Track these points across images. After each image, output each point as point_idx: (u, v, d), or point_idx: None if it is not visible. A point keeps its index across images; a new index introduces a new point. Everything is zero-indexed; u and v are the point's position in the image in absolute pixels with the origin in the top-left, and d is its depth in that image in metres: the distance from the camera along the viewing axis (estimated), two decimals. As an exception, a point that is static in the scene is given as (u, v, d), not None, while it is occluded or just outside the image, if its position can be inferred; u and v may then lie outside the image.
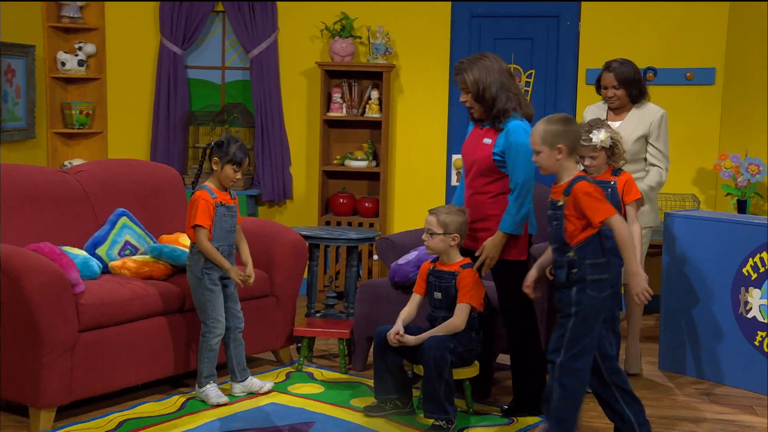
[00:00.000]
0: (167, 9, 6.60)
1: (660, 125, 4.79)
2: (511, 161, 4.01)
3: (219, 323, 4.24)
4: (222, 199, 4.22)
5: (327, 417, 4.17)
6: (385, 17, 6.56)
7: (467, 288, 4.08)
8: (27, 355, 3.89)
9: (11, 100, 6.18)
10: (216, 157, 4.20)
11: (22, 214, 4.45)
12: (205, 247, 4.16)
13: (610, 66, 4.82)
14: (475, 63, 4.10)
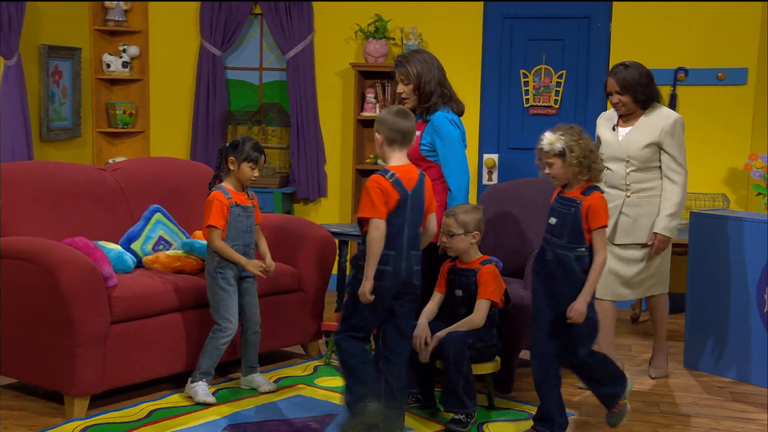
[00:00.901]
0: (207, 12, 6.67)
1: (673, 132, 4.44)
2: (443, 151, 4.23)
3: (230, 324, 4.19)
4: (237, 199, 4.21)
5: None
6: (418, 19, 6.55)
7: (487, 284, 4.07)
8: (62, 346, 3.96)
9: (58, 100, 6.30)
10: (232, 157, 4.19)
11: (62, 210, 4.54)
12: (218, 246, 4.15)
13: (614, 70, 4.50)
14: (417, 57, 4.29)
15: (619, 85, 4.45)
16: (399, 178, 3.64)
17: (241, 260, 4.18)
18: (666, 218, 4.43)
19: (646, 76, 4.47)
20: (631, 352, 5.35)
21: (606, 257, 3.75)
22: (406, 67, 4.27)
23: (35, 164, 4.74)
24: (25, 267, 4.01)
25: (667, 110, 4.53)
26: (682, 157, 4.46)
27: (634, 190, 4.49)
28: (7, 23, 5.50)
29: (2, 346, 4.20)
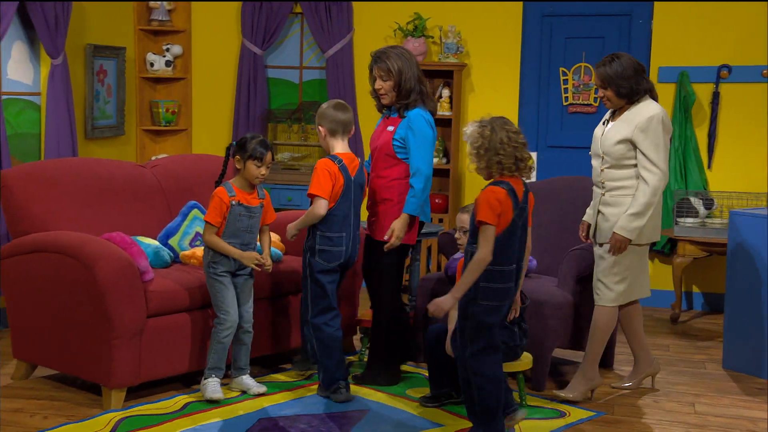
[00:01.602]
0: (248, 12, 6.71)
1: (646, 128, 4.08)
2: (413, 147, 4.19)
3: (229, 315, 4.10)
4: (242, 198, 4.10)
5: (382, 405, 4.18)
6: (457, 17, 6.51)
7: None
8: (100, 338, 4.02)
9: (103, 99, 6.38)
10: (237, 155, 4.10)
11: (102, 206, 4.60)
12: (209, 240, 4.08)
13: (598, 63, 4.24)
14: (396, 53, 4.27)
15: (600, 79, 4.21)
16: (345, 165, 4.10)
17: (235, 253, 4.08)
18: (627, 217, 4.09)
19: (632, 68, 4.15)
20: (668, 352, 5.26)
21: (485, 255, 3.45)
22: (386, 63, 4.23)
23: (77, 161, 4.81)
24: (64, 261, 4.07)
25: (649, 105, 4.17)
26: (657, 155, 4.08)
27: (608, 188, 4.21)
28: (54, 23, 5.59)
29: (44, 338, 4.26)
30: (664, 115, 4.17)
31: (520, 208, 3.57)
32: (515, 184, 3.56)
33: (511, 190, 3.52)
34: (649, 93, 4.22)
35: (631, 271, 4.26)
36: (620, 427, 4.03)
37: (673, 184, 6.20)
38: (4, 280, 4.39)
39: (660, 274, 6.40)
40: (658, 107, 4.18)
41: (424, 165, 4.19)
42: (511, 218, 3.53)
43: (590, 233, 4.37)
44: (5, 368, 4.62)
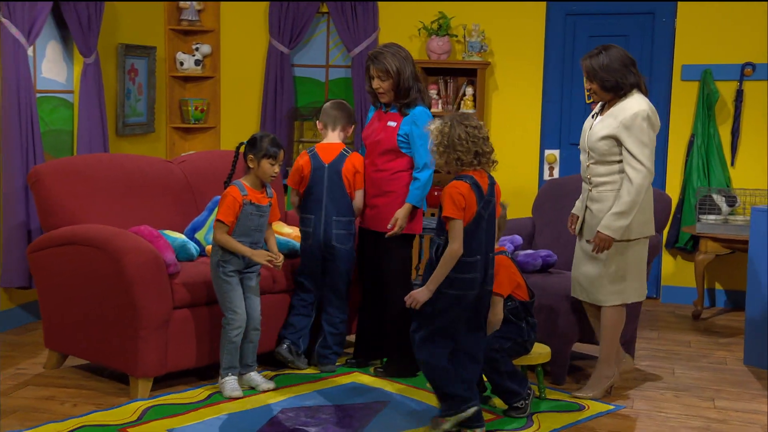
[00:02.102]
0: (276, 11, 6.74)
1: (630, 125, 3.95)
2: (420, 144, 4.23)
3: (237, 315, 4.08)
4: (253, 197, 4.07)
5: (402, 397, 4.18)
6: (481, 16, 6.50)
7: (501, 279, 3.89)
8: (127, 329, 4.06)
9: (134, 97, 6.44)
10: (251, 154, 4.06)
11: (131, 200, 4.64)
12: (220, 239, 4.04)
13: (585, 56, 4.13)
14: (392, 52, 4.28)
15: (585, 72, 4.10)
16: (317, 152, 4.44)
17: (246, 251, 4.05)
18: (611, 216, 3.99)
19: (619, 61, 4.01)
20: (690, 348, 5.21)
21: (456, 249, 3.51)
22: (384, 64, 4.24)
23: (106, 156, 4.87)
24: (93, 253, 4.11)
25: (636, 101, 4.02)
26: (642, 153, 3.95)
27: (594, 184, 4.12)
28: (87, 23, 5.65)
29: (74, 329, 4.32)
30: (651, 111, 4.03)
31: (486, 200, 3.62)
32: (479, 177, 3.61)
33: (474, 184, 3.57)
34: (638, 87, 4.08)
35: (630, 269, 4.14)
36: (640, 420, 4.00)
37: (696, 182, 6.14)
38: (36, 272, 4.45)
39: (682, 271, 6.35)
40: (645, 103, 4.04)
41: (429, 159, 4.23)
42: (476, 211, 3.57)
43: (577, 227, 4.30)
44: (37, 358, 4.69)
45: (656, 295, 6.46)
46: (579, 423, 3.92)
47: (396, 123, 4.30)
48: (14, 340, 5.04)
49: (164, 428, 3.74)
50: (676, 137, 6.30)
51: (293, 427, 3.79)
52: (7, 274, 5.11)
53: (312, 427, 3.79)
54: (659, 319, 5.89)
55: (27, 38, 5.13)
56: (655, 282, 6.44)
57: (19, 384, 4.29)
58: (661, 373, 4.69)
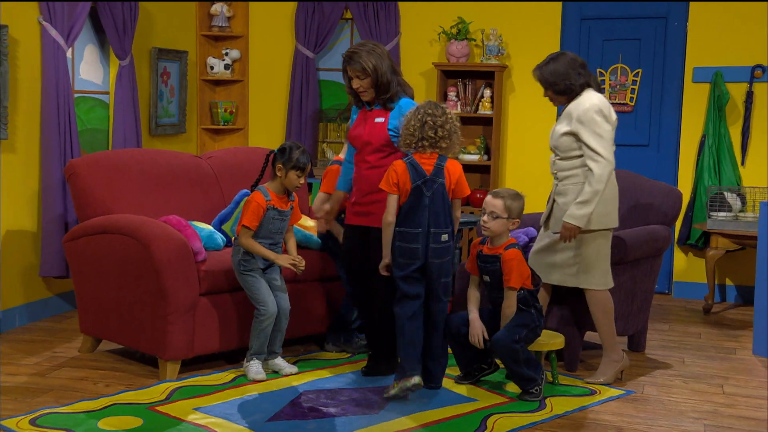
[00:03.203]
0: (302, 17, 6.79)
1: (584, 119, 4.03)
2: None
3: (267, 304, 4.09)
4: (275, 202, 4.09)
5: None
6: (498, 20, 6.50)
7: (510, 272, 3.90)
8: (156, 313, 4.10)
9: (166, 99, 6.51)
10: (279, 163, 4.05)
11: (162, 192, 4.69)
12: (245, 243, 4.06)
13: (534, 69, 4.23)
14: (366, 50, 4.11)
15: (539, 82, 4.21)
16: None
17: (270, 255, 4.07)
18: (575, 206, 4.04)
19: (566, 64, 4.12)
20: (700, 339, 5.17)
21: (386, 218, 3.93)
22: (360, 63, 4.06)
23: (138, 151, 4.92)
24: (125, 241, 4.16)
25: (588, 97, 4.09)
26: (599, 144, 4.01)
27: (560, 179, 4.19)
28: (122, 27, 5.72)
29: (107, 314, 4.37)
30: (603, 104, 4.07)
31: (428, 179, 3.91)
32: (422, 158, 3.93)
33: (411, 163, 3.92)
34: (590, 85, 4.16)
35: (598, 257, 4.17)
36: (649, 404, 3.98)
37: (708, 181, 6.10)
38: (71, 260, 4.51)
39: (694, 267, 6.30)
40: (598, 98, 4.10)
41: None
42: (412, 187, 3.90)
43: (542, 220, 4.35)
44: (73, 343, 4.75)
45: (668, 291, 6.41)
46: (590, 407, 3.90)
47: (384, 118, 4.14)
48: (51, 326, 5.10)
49: (191, 407, 3.77)
50: (688, 137, 6.26)
51: (313, 407, 3.80)
52: (46, 264, 5.17)
53: (332, 408, 3.80)
54: (671, 312, 5.85)
55: (66, 40, 5.21)
56: (667, 277, 6.39)
57: (54, 366, 4.34)
58: (672, 362, 4.65)
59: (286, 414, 3.72)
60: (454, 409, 3.81)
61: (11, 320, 5.04)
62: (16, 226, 5.07)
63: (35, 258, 5.21)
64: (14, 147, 5.03)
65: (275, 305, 4.13)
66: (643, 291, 4.71)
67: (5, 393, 3.92)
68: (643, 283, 4.70)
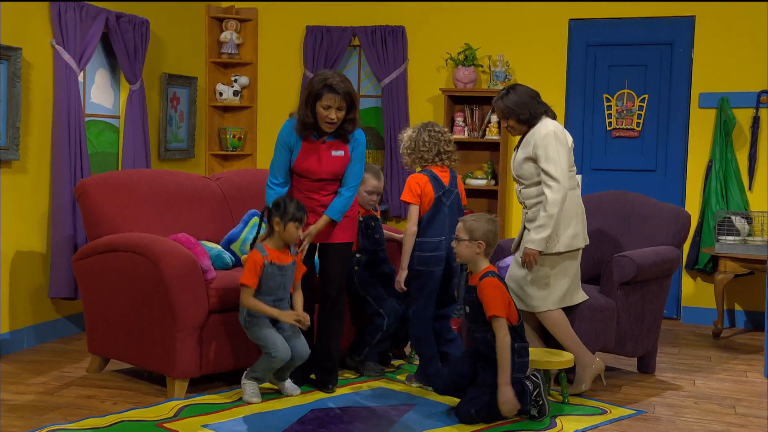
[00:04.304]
0: (310, 45, 6.85)
1: (542, 145, 4.12)
2: (357, 164, 4.17)
3: (277, 348, 3.99)
4: (274, 257, 4.01)
5: (427, 400, 4.16)
6: (505, 47, 6.56)
7: (487, 300, 3.79)
8: (165, 331, 4.09)
9: (175, 124, 6.56)
10: (277, 217, 4.00)
11: (171, 212, 4.71)
12: (247, 303, 4.01)
13: (494, 99, 4.33)
14: (347, 79, 4.05)
15: (499, 113, 4.31)
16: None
17: (273, 312, 4.01)
18: (533, 230, 4.12)
19: (527, 95, 4.25)
20: (710, 362, 5.13)
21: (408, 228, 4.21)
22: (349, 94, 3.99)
23: (148, 172, 4.95)
24: (134, 258, 4.17)
25: (544, 124, 4.21)
26: (555, 169, 4.10)
27: (529, 206, 4.25)
28: (133, 52, 5.78)
29: (115, 332, 4.36)
30: (557, 129, 4.19)
31: (447, 190, 4.28)
32: (439, 171, 4.29)
33: (433, 176, 4.25)
34: (546, 114, 4.28)
35: (555, 278, 4.22)
36: (661, 423, 3.94)
37: (715, 205, 6.10)
38: (80, 279, 4.51)
39: (702, 292, 6.27)
40: (553, 124, 4.23)
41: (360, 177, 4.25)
42: (434, 197, 4.22)
43: (513, 247, 4.42)
44: (81, 363, 4.73)
45: (677, 316, 6.38)
46: (601, 425, 3.86)
47: (343, 152, 4.12)
48: (60, 348, 5.09)
49: (198, 425, 3.74)
50: (695, 162, 6.27)
51: (322, 425, 3.77)
52: (55, 285, 5.17)
53: (340, 425, 3.77)
54: (680, 337, 5.81)
55: (78, 64, 5.26)
56: (675, 303, 6.36)
57: (62, 385, 4.33)
58: (682, 384, 4.62)
59: (295, 431, 3.69)
60: (463, 428, 3.77)
61: (19, 341, 5.03)
62: (25, 246, 5.09)
63: (44, 279, 5.22)
64: (25, 168, 5.06)
65: (287, 350, 4.03)
66: (652, 312, 4.70)
67: (13, 411, 3.91)
68: (652, 304, 4.68)
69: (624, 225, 4.93)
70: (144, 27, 5.86)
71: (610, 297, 4.47)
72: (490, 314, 3.78)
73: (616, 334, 4.50)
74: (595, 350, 4.40)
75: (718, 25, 6.15)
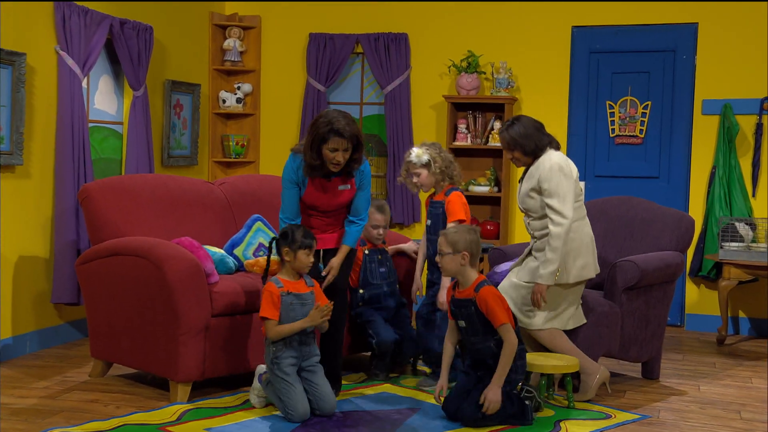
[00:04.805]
0: (313, 52, 6.87)
1: (547, 178, 4.14)
2: (365, 195, 4.20)
3: (297, 411, 3.81)
4: (290, 288, 3.91)
5: (431, 405, 4.14)
6: (508, 54, 6.57)
7: (493, 309, 3.78)
8: (168, 334, 4.08)
9: (178, 130, 6.57)
10: (286, 247, 3.91)
11: (174, 216, 4.71)
12: (273, 334, 3.87)
13: (500, 130, 4.36)
14: (350, 118, 3.99)
15: (504, 144, 4.32)
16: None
17: (301, 324, 3.87)
18: (541, 266, 4.15)
19: (532, 126, 4.27)
20: (714, 368, 5.11)
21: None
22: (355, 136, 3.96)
23: (151, 176, 4.95)
24: (137, 262, 4.17)
25: (548, 156, 4.22)
26: (560, 202, 4.12)
27: (537, 237, 4.28)
28: (137, 58, 5.80)
29: (118, 337, 4.35)
30: (563, 162, 4.20)
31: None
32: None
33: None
34: (551, 145, 4.29)
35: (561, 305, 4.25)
36: (666, 428, 3.93)
37: (719, 212, 6.09)
38: (84, 283, 4.51)
39: (705, 299, 6.26)
40: (558, 156, 4.23)
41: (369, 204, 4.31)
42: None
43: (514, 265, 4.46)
44: (83, 368, 4.72)
45: (680, 323, 6.37)
46: (605, 429, 3.85)
47: (349, 185, 4.14)
48: (62, 353, 5.08)
49: (202, 428, 3.73)
50: (698, 169, 6.27)
51: (325, 428, 3.76)
52: (58, 290, 5.17)
53: (343, 428, 3.76)
54: (684, 344, 5.80)
55: (82, 69, 5.28)
56: (679, 310, 6.35)
57: (65, 389, 4.32)
58: (687, 389, 4.60)
59: (299, 434, 3.69)
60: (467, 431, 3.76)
61: (22, 346, 5.02)
62: (28, 251, 5.09)
63: (47, 284, 5.22)
64: (29, 173, 5.07)
65: (306, 414, 3.83)
66: (657, 317, 4.69)
67: (15, 414, 3.90)
68: (656, 309, 4.67)
69: (627, 230, 4.93)
70: (148, 33, 5.88)
71: (614, 302, 4.47)
72: (500, 323, 3.78)
73: (620, 339, 4.49)
74: (599, 355, 4.40)
75: (721, 32, 6.17)
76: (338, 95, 7.05)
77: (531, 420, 3.84)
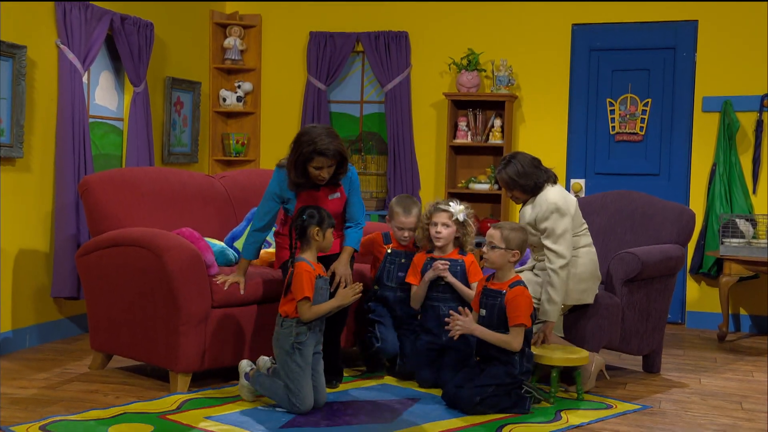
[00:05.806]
0: (314, 51, 6.90)
1: (545, 218, 4.21)
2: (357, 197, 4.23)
3: (305, 403, 3.76)
4: (320, 270, 3.89)
5: (431, 395, 4.15)
6: (508, 51, 6.60)
7: (520, 309, 3.84)
8: (168, 325, 4.09)
9: (179, 128, 6.59)
10: (316, 227, 3.85)
11: (175, 209, 4.72)
12: (311, 315, 3.79)
13: (497, 170, 4.40)
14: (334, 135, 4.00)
15: (503, 184, 4.38)
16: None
17: (334, 303, 3.85)
18: (544, 304, 4.21)
19: (529, 164, 4.31)
20: (716, 363, 5.12)
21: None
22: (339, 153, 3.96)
23: (152, 169, 4.97)
24: (137, 252, 4.18)
25: (545, 196, 4.27)
26: (554, 242, 4.19)
27: (538, 259, 4.41)
28: (137, 54, 5.83)
29: (118, 328, 4.36)
30: (560, 201, 4.24)
31: None
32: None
33: None
34: (549, 181, 4.33)
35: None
36: (667, 417, 3.93)
37: (719, 209, 6.11)
38: (84, 275, 4.52)
39: (707, 297, 6.27)
40: (554, 194, 4.27)
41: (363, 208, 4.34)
42: None
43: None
44: (83, 361, 4.73)
45: (681, 320, 6.37)
46: (606, 419, 3.86)
47: (339, 193, 4.17)
48: (62, 347, 5.09)
49: (202, 416, 3.74)
50: (699, 166, 6.29)
51: (326, 416, 3.77)
52: (58, 284, 5.18)
53: (345, 417, 3.77)
54: (684, 340, 5.81)
55: (82, 64, 5.30)
56: (680, 307, 6.36)
57: (65, 380, 4.33)
58: (688, 382, 4.61)
59: (299, 422, 3.69)
60: (468, 419, 3.77)
61: (22, 340, 5.03)
62: (28, 245, 5.10)
63: (47, 278, 5.23)
64: (29, 166, 5.09)
65: (311, 405, 3.80)
66: (657, 311, 4.69)
67: (15, 403, 3.90)
68: (656, 302, 4.68)
69: (628, 223, 4.94)
70: (148, 30, 5.91)
71: (614, 294, 4.48)
72: (518, 322, 3.82)
73: (621, 331, 4.49)
74: (600, 347, 4.40)
75: (721, 29, 6.20)
76: (338, 94, 7.07)
77: (529, 409, 3.84)
